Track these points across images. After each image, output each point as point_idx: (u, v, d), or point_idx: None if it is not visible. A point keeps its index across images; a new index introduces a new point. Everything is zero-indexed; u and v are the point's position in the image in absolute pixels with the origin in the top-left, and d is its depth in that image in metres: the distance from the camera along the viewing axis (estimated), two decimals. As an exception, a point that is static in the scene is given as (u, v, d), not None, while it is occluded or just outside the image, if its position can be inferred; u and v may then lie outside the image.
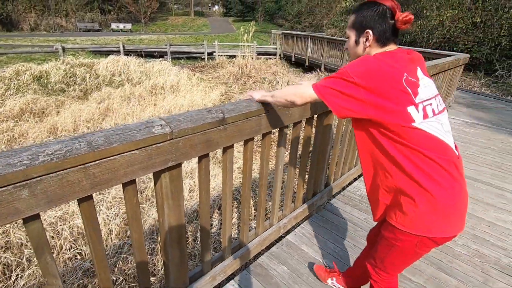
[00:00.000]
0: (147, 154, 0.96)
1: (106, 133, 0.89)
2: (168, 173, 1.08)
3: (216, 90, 8.48)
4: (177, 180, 1.13)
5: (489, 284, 1.71)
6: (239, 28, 24.95)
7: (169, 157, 1.03)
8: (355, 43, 1.08)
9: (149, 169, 0.99)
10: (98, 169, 0.86)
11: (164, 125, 1.01)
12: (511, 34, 9.42)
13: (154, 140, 0.96)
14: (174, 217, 1.18)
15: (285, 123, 1.55)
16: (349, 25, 1.10)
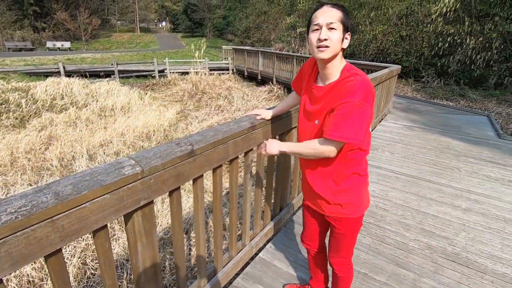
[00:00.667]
0: (119, 197, 0.94)
1: (73, 180, 0.86)
2: (141, 211, 1.06)
3: (171, 108, 8.30)
4: (150, 217, 1.11)
5: (439, 272, 1.94)
6: (189, 44, 24.90)
7: (141, 196, 1.02)
8: (340, 39, 1.05)
9: (121, 211, 0.97)
10: (67, 220, 0.82)
11: (134, 164, 1.00)
12: (431, 46, 10.89)
13: (125, 182, 0.95)
14: (149, 254, 1.15)
15: (251, 146, 1.61)
16: (337, 19, 1.03)
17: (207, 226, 3.01)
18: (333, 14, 1.03)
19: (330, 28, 1.03)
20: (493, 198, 2.91)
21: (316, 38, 1.04)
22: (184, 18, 36.31)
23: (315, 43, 1.05)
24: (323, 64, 1.11)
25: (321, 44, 1.03)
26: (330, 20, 1.02)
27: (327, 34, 1.03)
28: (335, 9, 1.04)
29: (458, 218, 2.57)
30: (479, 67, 9.88)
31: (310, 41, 1.08)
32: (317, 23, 1.04)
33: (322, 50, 1.04)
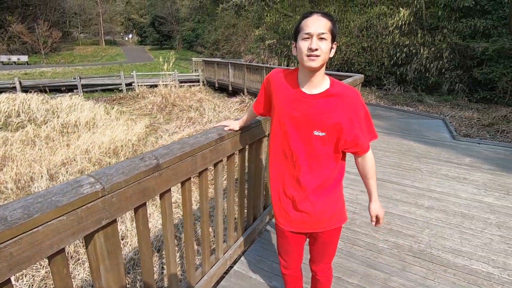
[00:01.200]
0: (77, 218, 0.88)
1: (24, 203, 0.79)
2: (102, 232, 1.01)
3: (140, 122, 8.04)
4: (114, 237, 1.05)
5: (406, 270, 2.03)
6: (157, 56, 24.51)
7: (102, 215, 0.97)
8: (329, 48, 1.07)
9: (80, 233, 0.91)
10: (17, 247, 0.75)
11: (93, 182, 0.95)
12: (390, 56, 11.66)
13: (84, 201, 0.89)
14: (113, 277, 1.09)
15: (220, 157, 1.60)
16: (327, 29, 1.04)
17: (180, 242, 2.91)
18: (324, 24, 1.04)
19: (321, 38, 1.04)
20: (451, 196, 3.12)
21: (307, 47, 1.04)
22: (152, 30, 35.83)
23: (306, 52, 1.05)
24: (312, 73, 1.10)
25: (312, 53, 1.04)
26: (321, 30, 1.03)
27: (318, 44, 1.03)
28: (325, 18, 1.05)
29: (421, 216, 2.72)
30: (433, 74, 10.72)
31: (300, 49, 1.07)
32: (308, 32, 1.04)
33: (313, 59, 1.05)
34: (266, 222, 2.52)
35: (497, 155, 4.44)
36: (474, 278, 1.96)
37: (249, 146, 2.00)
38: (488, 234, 2.47)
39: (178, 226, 3.24)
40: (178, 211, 3.64)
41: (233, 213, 1.98)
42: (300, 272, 1.50)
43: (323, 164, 1.18)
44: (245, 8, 19.99)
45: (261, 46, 16.34)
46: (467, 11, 10.25)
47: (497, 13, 9.97)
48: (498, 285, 1.91)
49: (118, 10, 46.28)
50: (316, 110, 1.12)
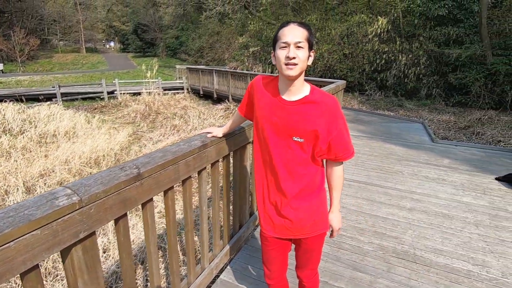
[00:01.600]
0: (52, 232, 0.85)
1: (-7, 218, 0.75)
2: (81, 245, 0.97)
3: (122, 131, 7.87)
4: (92, 250, 1.02)
5: (391, 271, 2.06)
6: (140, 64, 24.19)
7: (80, 228, 0.93)
8: (307, 57, 1.10)
9: (55, 248, 0.87)
10: (-14, 264, 0.71)
11: (70, 194, 0.92)
12: (370, 62, 12.03)
13: (60, 214, 0.86)
14: (92, 293, 1.04)
15: (204, 165, 1.59)
16: (304, 37, 1.07)
17: (165, 252, 2.84)
18: (300, 33, 1.07)
19: (298, 47, 1.06)
20: (432, 197, 3.21)
21: (285, 56, 1.07)
22: (135, 38, 35.41)
23: (284, 60, 1.07)
24: (291, 81, 1.12)
25: (289, 62, 1.06)
26: (297, 39, 1.06)
27: (295, 53, 1.06)
28: (302, 28, 1.08)
29: (404, 217, 2.78)
30: (411, 80, 11.12)
31: (278, 58, 1.09)
32: (285, 41, 1.07)
33: (290, 68, 1.07)
34: (253, 229, 2.50)
35: (473, 156, 4.63)
36: (455, 276, 2.02)
37: (234, 152, 1.99)
38: (467, 233, 2.55)
39: (163, 236, 3.16)
40: (163, 220, 3.56)
41: (219, 221, 1.95)
42: (285, 282, 1.48)
43: (303, 170, 1.19)
44: (229, 16, 20.17)
45: (245, 53, 16.48)
46: (441, 19, 10.76)
47: (469, 22, 10.53)
48: (478, 282, 1.97)
49: (100, 18, 45.53)
50: (294, 117, 1.14)
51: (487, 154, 4.76)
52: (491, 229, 2.62)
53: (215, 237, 1.97)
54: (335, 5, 14.55)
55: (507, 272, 2.07)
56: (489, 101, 9.42)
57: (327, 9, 14.64)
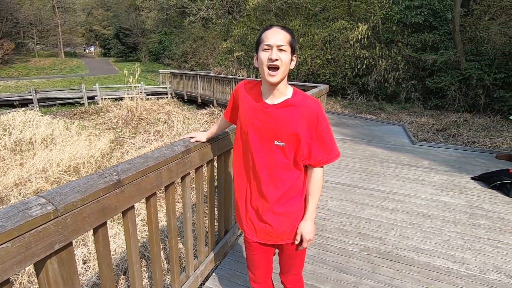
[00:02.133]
0: (24, 244, 0.80)
1: (-42, 232, 0.71)
2: (56, 257, 0.92)
3: (104, 137, 7.65)
4: (69, 262, 0.97)
5: (376, 272, 2.09)
6: (122, 68, 23.72)
7: (55, 239, 0.89)
8: (289, 60, 1.10)
9: (28, 261, 0.82)
10: (-51, 281, 0.66)
11: (44, 203, 0.87)
12: (352, 67, 12.34)
13: (33, 224, 0.82)
14: (69, 307, 0.99)
15: (187, 170, 1.56)
16: (286, 41, 1.08)
17: (148, 261, 2.76)
18: (283, 37, 1.07)
19: (280, 50, 1.07)
20: (413, 197, 3.31)
21: (267, 57, 1.07)
22: (116, 42, 34.67)
23: (266, 62, 1.08)
24: (274, 86, 1.13)
25: (272, 64, 1.07)
26: (280, 42, 1.07)
27: (278, 55, 1.07)
28: (284, 31, 1.09)
29: (387, 218, 2.84)
30: (391, 84, 11.49)
31: (260, 60, 1.09)
32: (268, 44, 1.07)
33: (272, 74, 1.08)
34: (238, 235, 2.48)
35: (451, 157, 4.82)
36: (436, 274, 2.07)
37: (218, 157, 1.97)
38: (446, 231, 2.64)
39: (146, 244, 3.08)
40: (146, 228, 3.47)
41: (203, 227, 1.92)
42: (271, 285, 1.47)
43: (284, 175, 1.18)
44: (213, 21, 20.18)
45: (230, 58, 16.50)
46: (418, 26, 11.22)
47: (443, 29, 11.03)
48: (458, 279, 2.03)
49: (79, 21, 44.30)
50: (276, 120, 1.14)
51: (463, 155, 4.97)
52: (468, 227, 2.72)
53: (200, 244, 1.93)
54: (317, 11, 14.88)
55: (484, 268, 2.15)
56: (464, 104, 9.86)
57: (310, 15, 14.95)
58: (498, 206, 3.13)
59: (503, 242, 2.48)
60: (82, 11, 45.79)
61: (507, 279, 2.04)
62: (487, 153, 5.11)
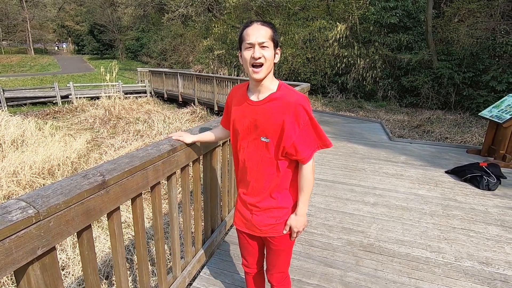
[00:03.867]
0: (4, 250, 0.76)
1: None
2: (39, 262, 0.88)
3: (80, 137, 7.35)
4: (53, 268, 0.93)
5: (359, 264, 2.16)
6: (98, 66, 22.86)
7: (37, 243, 0.85)
8: (273, 55, 1.11)
9: (8, 268, 0.78)
10: None
11: (24, 206, 0.83)
12: (332, 66, 12.58)
13: (13, 229, 0.78)
14: (53, 314, 0.95)
15: (173, 170, 1.54)
16: (268, 37, 1.08)
17: (132, 264, 2.69)
18: (264, 33, 1.07)
19: (262, 47, 1.07)
20: (392, 191, 3.44)
21: (250, 56, 1.08)
22: (91, 39, 33.31)
23: (250, 61, 1.09)
24: (259, 82, 1.14)
25: (255, 62, 1.07)
26: (262, 40, 1.07)
27: (261, 52, 1.07)
28: (265, 27, 1.09)
29: (368, 212, 2.94)
30: (369, 83, 11.83)
31: (244, 59, 1.10)
32: (249, 42, 1.08)
33: (257, 71, 1.08)
34: (224, 234, 2.47)
35: (426, 153, 5.04)
36: (416, 264, 2.17)
37: (204, 156, 1.96)
38: (424, 223, 2.76)
39: (129, 247, 3.00)
40: (128, 231, 3.37)
41: (190, 227, 1.90)
42: (263, 271, 1.51)
43: (272, 170, 1.20)
44: (192, 18, 19.86)
45: (210, 56, 16.33)
46: (393, 27, 11.61)
47: (417, 30, 11.49)
48: (435, 268, 2.14)
49: (50, 16, 42.09)
50: (260, 116, 1.15)
51: (437, 150, 5.21)
52: (443, 218, 2.86)
53: (186, 244, 1.91)
54: (297, 10, 15.03)
55: (459, 256, 2.28)
56: (436, 102, 10.35)
57: (290, 14, 15.07)
58: (469, 197, 3.32)
59: (474, 231, 2.64)
60: (52, 6, 43.52)
61: (479, 266, 2.17)
62: (458, 148, 5.40)
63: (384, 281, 1.99)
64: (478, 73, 9.67)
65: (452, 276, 2.05)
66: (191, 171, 1.90)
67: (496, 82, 9.02)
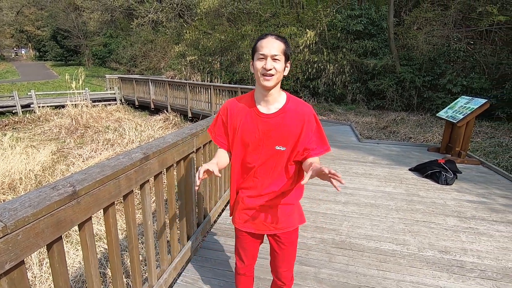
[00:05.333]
0: (-30, 266, 0.74)
1: None
2: (6, 278, 0.86)
3: (44, 149, 6.95)
4: (22, 283, 0.91)
5: (332, 261, 2.26)
6: (63, 73, 21.73)
7: (5, 258, 0.83)
8: (283, 68, 1.18)
9: (-26, 284, 0.76)
10: None
11: (-9, 221, 0.81)
12: (303, 71, 12.96)
13: (-21, 244, 0.76)
14: (23, 331, 0.93)
15: (146, 177, 1.54)
16: (280, 50, 1.14)
17: (105, 278, 2.60)
18: (277, 46, 1.14)
19: (274, 59, 1.14)
20: (361, 190, 3.62)
21: (261, 67, 1.14)
22: (54, 44, 31.56)
23: (261, 71, 1.14)
24: (267, 91, 1.19)
25: (266, 73, 1.14)
26: (274, 52, 1.13)
27: (272, 64, 1.13)
28: (279, 41, 1.15)
29: (340, 211, 3.08)
30: (339, 87, 12.33)
31: (256, 68, 1.16)
32: (262, 53, 1.14)
33: (267, 79, 1.14)
34: (201, 240, 2.48)
35: (392, 152, 5.36)
36: (383, 256, 2.32)
37: (177, 163, 1.97)
38: (390, 218, 2.95)
39: (102, 261, 2.89)
40: (100, 244, 3.25)
41: (165, 235, 1.89)
42: (253, 274, 1.58)
43: (285, 174, 1.29)
44: (163, 24, 19.57)
45: (183, 62, 16.16)
46: (359, 34, 12.23)
47: (381, 37, 12.19)
48: (401, 259, 2.29)
49: (6, 21, 39.41)
50: (275, 127, 1.22)
51: (402, 149, 5.56)
52: (408, 212, 3.07)
53: (162, 252, 1.90)
54: (268, 17, 15.36)
55: (421, 247, 2.46)
56: (401, 104, 11.01)
57: (261, 21, 15.36)
58: (430, 192, 3.59)
59: (435, 223, 2.86)
60: (9, 10, 40.80)
61: (439, 254, 2.36)
62: (421, 147, 5.79)
63: (355, 275, 2.10)
64: (436, 77, 10.44)
65: (415, 266, 2.21)
66: (165, 178, 1.91)
67: (452, 85, 9.79)
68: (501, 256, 2.35)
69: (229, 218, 2.92)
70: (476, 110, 4.67)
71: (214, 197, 2.85)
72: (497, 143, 6.80)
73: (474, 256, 2.34)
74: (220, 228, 2.74)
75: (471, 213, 3.06)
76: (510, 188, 3.76)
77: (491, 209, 3.16)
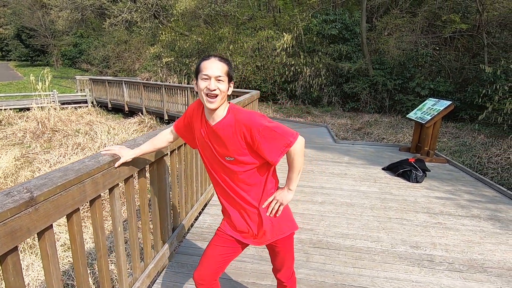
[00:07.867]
0: None
1: None
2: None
3: (6, 154, 6.49)
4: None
5: (309, 260, 2.28)
6: (28, 74, 20.47)
7: None
8: (227, 88, 1.20)
9: None
10: None
11: None
12: (280, 74, 13.11)
13: None
14: None
15: (115, 181, 1.47)
16: (224, 72, 1.18)
17: (73, 290, 2.45)
18: (221, 68, 1.17)
19: (218, 80, 1.16)
20: (337, 190, 3.69)
21: (205, 87, 1.16)
22: (18, 43, 29.71)
23: (205, 91, 1.17)
24: (213, 111, 1.22)
25: (210, 93, 1.16)
26: (218, 74, 1.16)
27: (216, 85, 1.16)
28: (222, 63, 1.18)
29: (317, 211, 3.11)
30: (315, 90, 12.59)
31: (199, 88, 1.18)
32: (206, 74, 1.16)
33: (211, 101, 1.17)
34: (177, 245, 2.40)
35: (366, 153, 5.53)
36: (359, 254, 2.37)
37: (150, 166, 1.89)
38: (365, 216, 3.03)
39: (69, 272, 2.72)
40: (68, 254, 3.07)
41: (137, 242, 1.81)
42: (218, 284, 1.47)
43: (249, 181, 1.27)
44: (138, 24, 19.02)
45: (158, 64, 15.79)
46: (334, 38, 12.59)
47: (354, 41, 12.62)
48: (375, 255, 2.35)
49: (-36, 17, 36.55)
50: (218, 139, 1.24)
51: (375, 150, 5.75)
52: (382, 210, 3.17)
53: (134, 260, 1.81)
54: (245, 20, 15.41)
55: (394, 243, 2.54)
56: (374, 106, 11.43)
57: (238, 24, 15.38)
58: (402, 190, 3.73)
59: (407, 220, 2.97)
60: (-32, 5, 37.87)
61: (411, 249, 2.45)
62: (393, 147, 6.03)
63: (332, 273, 2.13)
64: (406, 80, 10.95)
65: (389, 262, 2.28)
66: (136, 182, 1.83)
67: (420, 88, 10.32)
68: (466, 248, 2.48)
69: (206, 222, 2.86)
70: (442, 111, 4.93)
71: (190, 201, 2.78)
72: (461, 142, 7.24)
73: (443, 250, 2.45)
74: (197, 232, 2.67)
75: (439, 209, 3.21)
76: (474, 184, 4.00)
77: (457, 205, 3.33)
